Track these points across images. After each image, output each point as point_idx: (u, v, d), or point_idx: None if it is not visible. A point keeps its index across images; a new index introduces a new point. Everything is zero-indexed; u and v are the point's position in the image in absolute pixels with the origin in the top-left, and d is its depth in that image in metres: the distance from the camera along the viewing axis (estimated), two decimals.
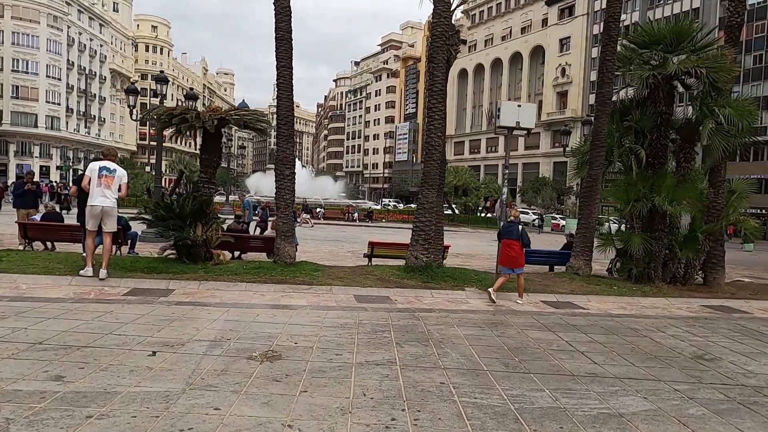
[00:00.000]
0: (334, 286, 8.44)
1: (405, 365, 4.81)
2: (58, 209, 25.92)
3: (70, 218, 20.08)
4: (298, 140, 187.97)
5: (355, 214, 36.20)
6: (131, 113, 15.34)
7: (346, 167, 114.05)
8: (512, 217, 9.59)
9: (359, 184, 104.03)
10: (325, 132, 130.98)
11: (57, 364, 4.20)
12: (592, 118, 23.35)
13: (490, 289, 8.55)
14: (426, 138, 9.93)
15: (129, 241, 11.25)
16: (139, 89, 15.40)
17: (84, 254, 8.23)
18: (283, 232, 9.59)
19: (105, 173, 7.70)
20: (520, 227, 8.85)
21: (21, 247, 10.89)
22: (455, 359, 5.12)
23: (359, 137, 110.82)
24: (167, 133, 10.41)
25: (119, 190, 7.81)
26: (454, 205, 42.78)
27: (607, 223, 11.94)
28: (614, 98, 11.80)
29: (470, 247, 21.85)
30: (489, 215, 42.52)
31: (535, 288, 9.58)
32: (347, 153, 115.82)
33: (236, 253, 11.79)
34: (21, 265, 8.19)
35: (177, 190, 36.61)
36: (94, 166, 7.77)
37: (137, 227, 11.15)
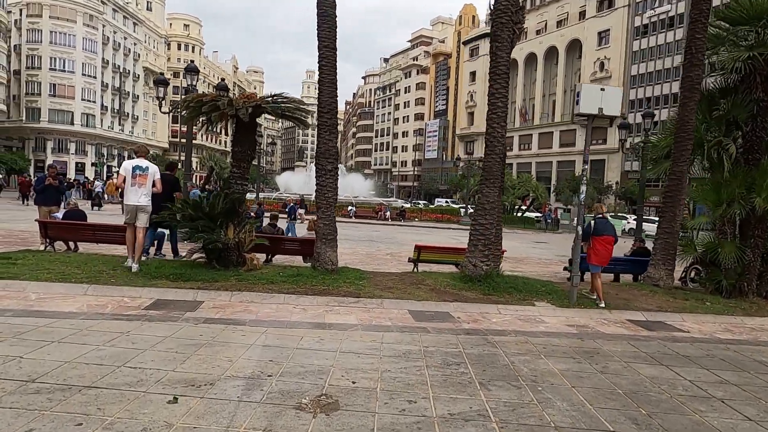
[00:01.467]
0: (384, 298, 7.28)
1: (503, 421, 3.60)
2: (89, 206, 25.52)
3: (101, 215, 19.54)
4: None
5: (387, 213, 35.03)
6: (160, 105, 14.54)
7: (374, 165, 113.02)
8: (605, 214, 8.89)
9: (387, 182, 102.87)
10: (354, 130, 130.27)
11: (48, 417, 3.15)
12: (652, 111, 21.32)
13: (601, 304, 8.06)
14: (487, 128, 8.67)
15: (155, 243, 10.34)
16: (168, 81, 14.57)
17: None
18: (324, 234, 8.47)
19: (138, 172, 7.94)
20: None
21: (42, 247, 10.11)
22: (564, 411, 3.88)
23: (388, 135, 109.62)
24: (197, 125, 9.42)
25: (153, 186, 8.00)
26: None
27: (698, 230, 10.38)
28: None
29: (513, 249, 20.26)
30: (527, 214, 40.75)
31: (615, 303, 8.22)
32: (375, 151, 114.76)
33: (268, 256, 10.79)
34: (35, 270, 7.31)
35: (207, 186, 36.19)
36: (128, 165, 8.01)
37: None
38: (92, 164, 66.12)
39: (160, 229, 10.47)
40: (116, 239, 10.17)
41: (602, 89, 7.48)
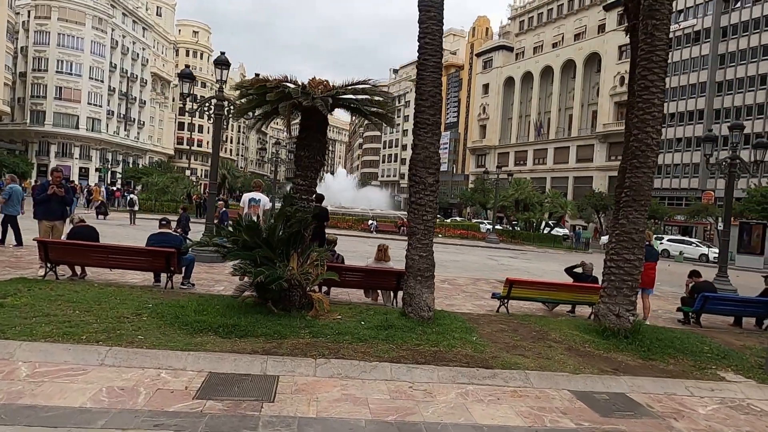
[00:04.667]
0: (525, 369, 5.09)
1: None
2: (94, 214, 23.16)
3: (108, 225, 17.30)
4: (331, 148, 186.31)
5: None
6: (185, 103, 12.50)
7: (382, 176, 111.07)
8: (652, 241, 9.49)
9: (395, 194, 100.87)
10: (360, 140, 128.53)
11: None
12: None
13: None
14: (635, 133, 6.54)
15: (184, 269, 8.18)
16: (194, 76, 12.51)
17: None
18: (420, 270, 6.30)
19: (253, 204, 8.96)
20: None
21: (41, 273, 7.97)
22: None
23: (396, 146, 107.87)
24: (245, 120, 7.29)
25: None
26: (514, 221, 39.00)
27: None
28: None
29: (562, 275, 17.82)
30: (556, 231, 38.54)
31: None
32: (383, 162, 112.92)
33: (321, 288, 8.64)
34: (30, 318, 5.14)
35: (220, 198, 34.03)
36: (245, 198, 9.25)
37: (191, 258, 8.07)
38: (96, 169, 64.18)
39: (190, 254, 8.36)
40: (137, 264, 8.05)
41: None
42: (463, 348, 5.54)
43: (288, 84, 6.16)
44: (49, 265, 7.76)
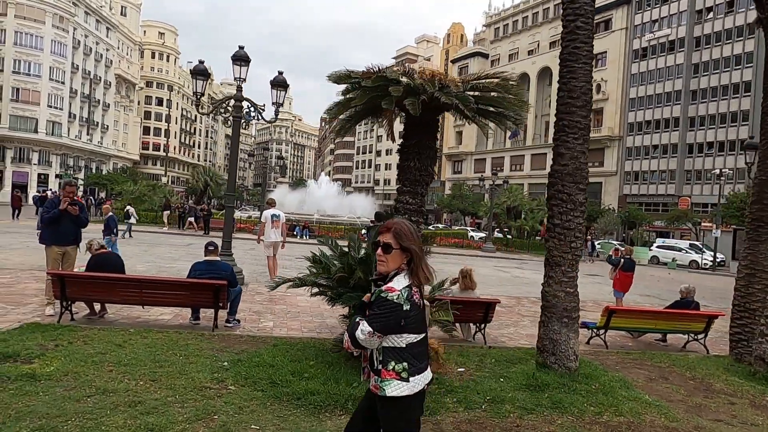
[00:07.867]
0: None
1: None
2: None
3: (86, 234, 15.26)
4: (299, 154, 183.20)
5: None
6: (198, 103, 10.91)
7: (355, 182, 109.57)
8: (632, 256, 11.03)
9: (376, 201, 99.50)
10: (332, 146, 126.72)
11: None
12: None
13: None
14: (765, 136, 5.51)
15: (229, 305, 6.67)
16: (209, 73, 10.86)
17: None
18: (567, 310, 5.03)
19: (275, 219, 10.47)
20: None
21: (49, 312, 6.33)
22: None
23: (370, 152, 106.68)
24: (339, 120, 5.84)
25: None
26: (506, 229, 38.28)
27: None
28: None
29: (584, 287, 17.00)
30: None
31: None
32: (356, 168, 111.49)
33: None
34: (82, 400, 3.60)
35: (202, 207, 31.87)
36: (267, 214, 10.64)
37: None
38: (57, 176, 60.18)
39: (239, 285, 6.86)
40: (177, 300, 6.46)
41: None
42: (651, 414, 4.31)
43: (402, 78, 4.82)
44: (64, 304, 6.13)
